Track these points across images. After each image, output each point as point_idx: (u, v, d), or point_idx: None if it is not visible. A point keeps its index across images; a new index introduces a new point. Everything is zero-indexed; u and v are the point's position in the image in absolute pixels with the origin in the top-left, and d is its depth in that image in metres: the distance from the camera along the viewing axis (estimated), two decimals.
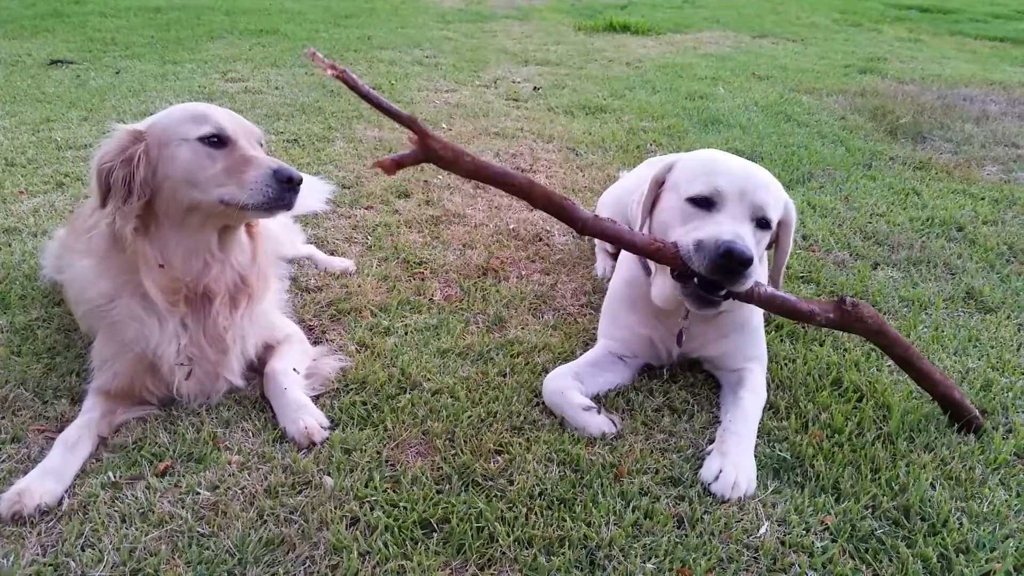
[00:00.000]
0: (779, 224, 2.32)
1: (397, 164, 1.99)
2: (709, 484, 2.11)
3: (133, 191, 2.15)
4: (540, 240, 3.74)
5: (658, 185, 2.40)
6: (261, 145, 2.32)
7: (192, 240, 2.25)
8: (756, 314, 2.57)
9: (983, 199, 4.39)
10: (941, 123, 6.00)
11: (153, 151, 2.17)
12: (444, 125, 5.61)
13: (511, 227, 3.84)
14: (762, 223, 2.22)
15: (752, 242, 2.15)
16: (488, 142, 5.24)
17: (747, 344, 2.53)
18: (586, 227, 2.15)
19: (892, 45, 10.19)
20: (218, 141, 2.18)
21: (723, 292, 2.16)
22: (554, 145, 5.25)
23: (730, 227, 2.14)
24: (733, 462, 2.13)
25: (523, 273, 3.39)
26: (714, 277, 2.11)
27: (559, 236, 3.78)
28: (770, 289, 2.24)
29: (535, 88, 6.93)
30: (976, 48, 10.33)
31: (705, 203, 2.21)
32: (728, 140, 5.35)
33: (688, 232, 2.20)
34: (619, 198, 3.33)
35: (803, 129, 5.76)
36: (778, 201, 2.27)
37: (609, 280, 2.89)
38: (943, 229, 3.95)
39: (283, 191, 2.17)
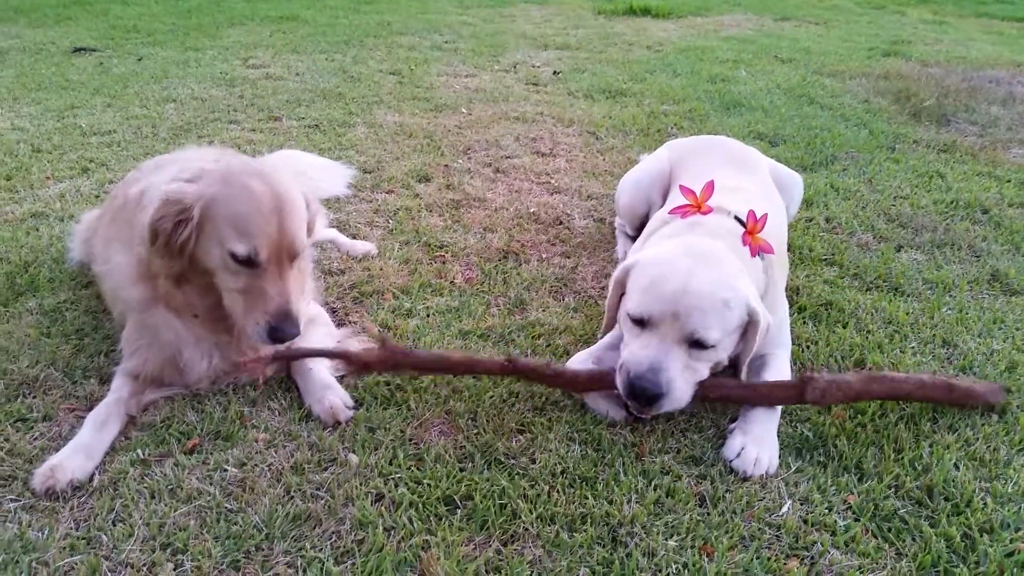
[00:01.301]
0: (748, 325, 2.25)
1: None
2: (731, 461, 2.13)
3: (174, 254, 2.18)
4: (560, 223, 3.74)
5: (621, 286, 2.40)
6: (294, 260, 2.26)
7: (213, 302, 2.31)
8: (781, 306, 2.58)
9: (1009, 181, 4.34)
10: (966, 105, 5.92)
11: (195, 230, 2.15)
12: (464, 110, 5.61)
13: (531, 210, 3.85)
14: (696, 344, 2.18)
15: (678, 365, 2.16)
16: (508, 126, 5.23)
17: (771, 334, 2.51)
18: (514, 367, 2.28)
19: (916, 27, 10.05)
20: (248, 261, 2.16)
21: (647, 413, 2.22)
22: (574, 129, 5.24)
23: (650, 353, 2.16)
24: (755, 439, 2.15)
25: (544, 256, 3.40)
26: (630, 401, 2.19)
27: (579, 220, 3.79)
28: (720, 380, 2.32)
29: (555, 72, 6.91)
30: (1003, 29, 10.17)
31: (640, 323, 2.23)
32: (750, 123, 5.31)
33: (625, 345, 2.29)
34: (638, 181, 3.33)
35: (826, 112, 5.71)
36: (723, 317, 2.17)
37: None
38: (968, 211, 3.91)
39: (269, 343, 2.22)
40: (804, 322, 2.87)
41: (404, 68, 6.83)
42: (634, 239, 3.42)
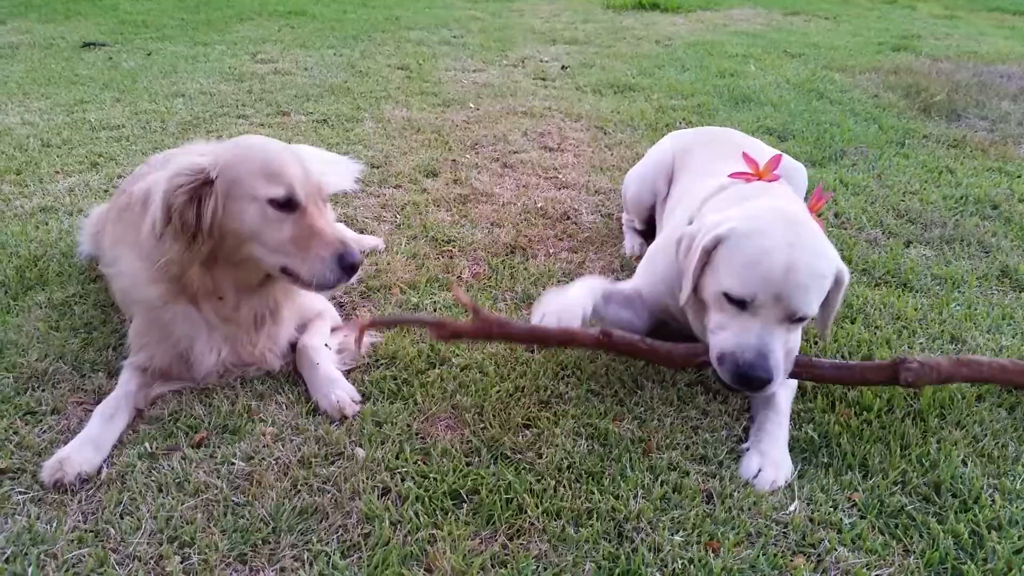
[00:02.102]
0: (833, 285, 2.20)
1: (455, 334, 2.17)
2: (749, 479, 2.09)
3: (199, 235, 2.13)
4: (568, 218, 3.74)
5: (706, 254, 2.26)
6: (325, 203, 2.27)
7: (243, 280, 2.31)
8: None
9: (1019, 177, 4.32)
10: (976, 101, 5.88)
11: (220, 198, 2.10)
12: (472, 105, 5.61)
13: (539, 206, 3.84)
14: (798, 320, 2.15)
15: (780, 345, 2.13)
16: (516, 121, 5.23)
17: None
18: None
19: (927, 22, 9.99)
20: (288, 204, 2.13)
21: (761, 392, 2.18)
22: (582, 124, 5.23)
23: (755, 338, 2.11)
24: (772, 461, 2.11)
25: (551, 251, 3.39)
26: (736, 388, 2.16)
27: (587, 214, 3.78)
28: (812, 360, 2.29)
29: (563, 67, 6.90)
30: (1015, 24, 10.11)
31: (740, 303, 2.15)
32: (759, 118, 5.29)
33: (719, 327, 2.20)
34: (643, 174, 3.33)
35: (835, 107, 5.68)
36: (822, 288, 2.15)
37: (639, 257, 2.89)
38: (977, 207, 3.89)
39: (343, 276, 2.16)
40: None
41: (412, 63, 6.83)
42: (642, 234, 3.42)
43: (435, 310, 2.88)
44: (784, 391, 2.33)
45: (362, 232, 3.49)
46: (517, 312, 2.87)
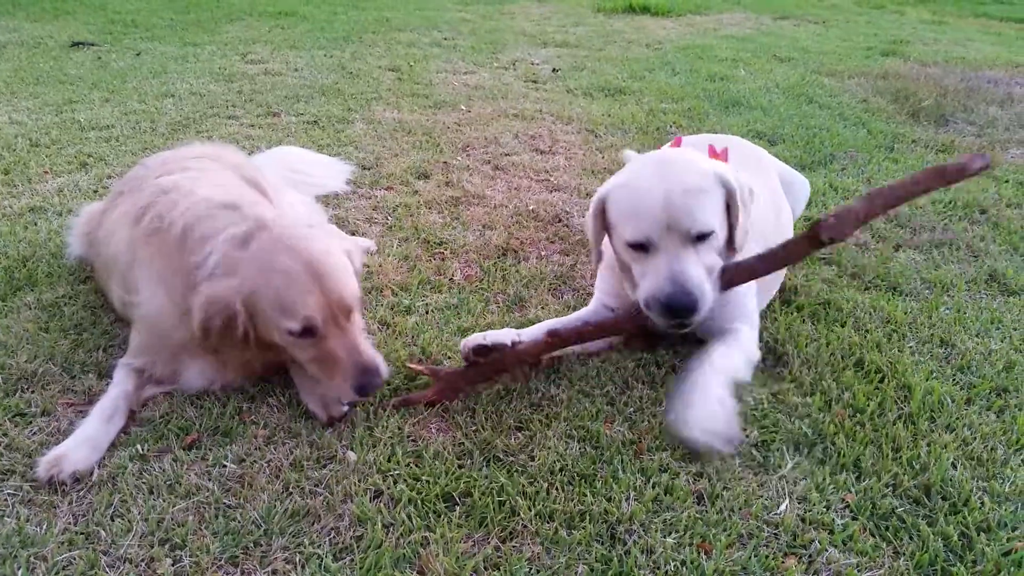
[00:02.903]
0: (728, 196, 2.32)
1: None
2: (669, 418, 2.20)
3: (237, 343, 2.18)
4: (559, 221, 3.74)
5: (601, 216, 2.42)
6: (351, 316, 2.23)
7: (278, 356, 2.33)
8: (734, 291, 2.54)
9: (1007, 182, 4.35)
10: (964, 106, 5.93)
11: (249, 321, 2.14)
12: (463, 107, 5.61)
13: (531, 208, 3.85)
14: (702, 237, 2.23)
15: (696, 267, 2.21)
16: (507, 124, 5.23)
17: (729, 306, 2.48)
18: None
19: (915, 27, 10.06)
20: (308, 331, 2.14)
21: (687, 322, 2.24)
22: (573, 127, 5.24)
23: (666, 271, 2.20)
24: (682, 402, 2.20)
25: (543, 254, 3.40)
26: (674, 323, 2.23)
27: (578, 217, 3.79)
28: (738, 262, 2.36)
29: (554, 70, 6.91)
30: (1001, 30, 10.19)
31: (642, 247, 2.26)
32: (749, 122, 5.32)
33: (640, 276, 2.31)
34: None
35: (825, 111, 5.71)
36: (707, 202, 2.25)
37: None
38: (966, 211, 3.92)
39: (359, 397, 2.20)
40: (803, 321, 2.87)
41: (403, 65, 6.82)
42: None
43: (426, 312, 2.88)
44: (726, 349, 2.38)
45: (353, 234, 3.48)
46: (509, 315, 2.87)
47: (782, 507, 1.99)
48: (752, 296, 2.61)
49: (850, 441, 2.22)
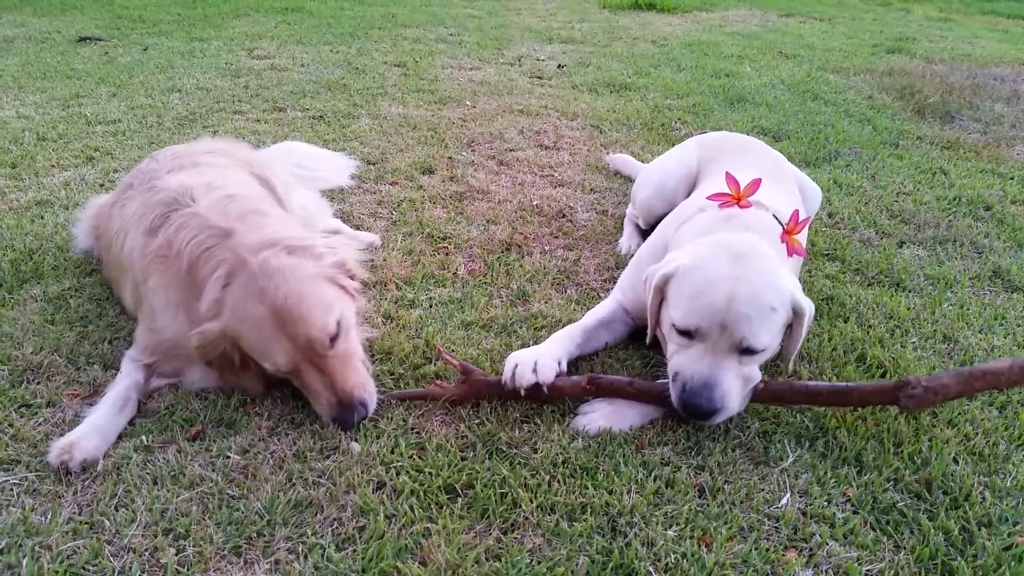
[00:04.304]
0: (794, 317, 2.23)
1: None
2: (576, 412, 2.27)
3: (239, 369, 2.26)
4: (563, 216, 3.74)
5: (660, 292, 2.35)
6: (326, 351, 2.21)
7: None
8: None
9: (1012, 179, 4.34)
10: (970, 103, 5.91)
11: (241, 352, 2.21)
12: (468, 102, 5.61)
13: (535, 203, 3.85)
14: (747, 351, 2.16)
15: (731, 376, 2.15)
16: (512, 119, 5.23)
17: None
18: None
19: (922, 24, 10.03)
20: (282, 374, 2.21)
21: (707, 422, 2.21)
22: (578, 123, 5.24)
23: (706, 368, 2.15)
24: (607, 412, 2.27)
25: (546, 248, 3.40)
26: (686, 416, 2.19)
27: (582, 212, 3.79)
28: (789, 383, 2.30)
29: (559, 66, 6.91)
30: (1008, 27, 10.16)
31: (687, 334, 2.21)
32: (754, 118, 5.31)
33: (673, 355, 2.27)
34: (660, 182, 3.29)
35: (830, 108, 5.70)
36: (770, 319, 2.16)
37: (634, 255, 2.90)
38: (970, 208, 3.91)
39: (345, 422, 2.21)
40: None
41: (409, 60, 6.83)
42: (644, 233, 3.37)
43: (430, 306, 2.89)
44: None
45: (358, 228, 3.50)
46: (512, 309, 2.88)
47: (783, 500, 1.99)
48: None
49: (852, 435, 2.22)
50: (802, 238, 2.66)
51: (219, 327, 2.17)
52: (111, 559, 1.79)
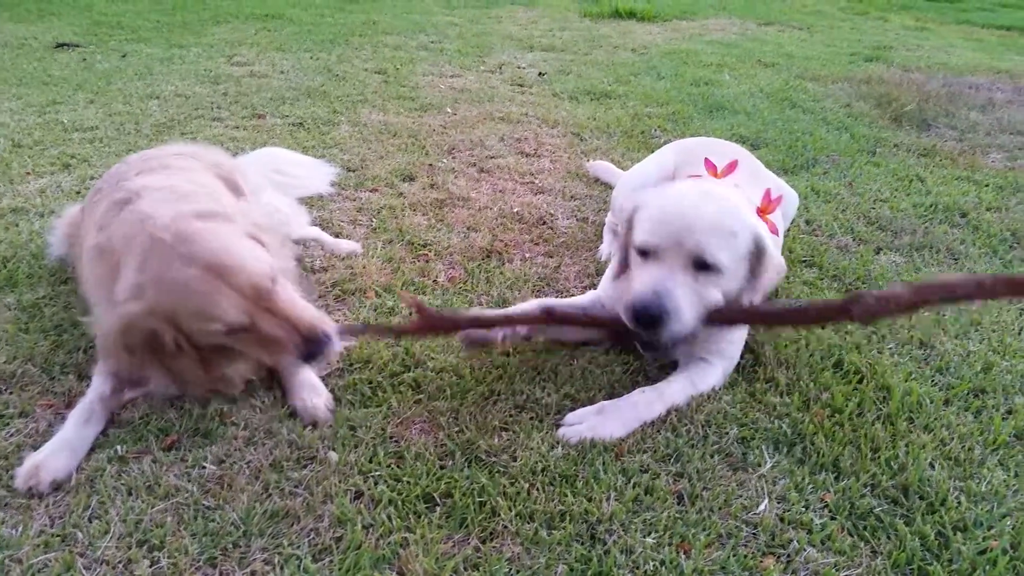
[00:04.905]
0: (756, 256, 2.26)
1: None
2: (562, 423, 2.26)
3: (172, 359, 2.14)
4: (544, 223, 3.75)
5: (630, 224, 2.40)
6: (274, 292, 2.15)
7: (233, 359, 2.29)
8: None
9: (987, 186, 4.39)
10: (946, 111, 5.98)
11: (180, 337, 2.10)
12: (449, 109, 5.61)
13: (515, 210, 3.85)
14: (702, 265, 2.19)
15: (683, 288, 2.17)
16: (493, 127, 5.24)
17: (710, 339, 2.47)
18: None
19: (899, 33, 10.14)
20: (238, 328, 2.10)
21: (661, 343, 2.24)
22: (559, 130, 5.25)
23: (651, 280, 2.18)
24: (593, 424, 2.25)
25: (527, 256, 3.40)
26: (638, 331, 2.21)
27: (563, 219, 3.80)
28: (746, 307, 2.31)
29: (540, 74, 6.92)
30: (983, 37, 10.29)
31: (646, 253, 2.25)
32: (733, 126, 5.34)
33: (633, 285, 2.29)
34: (641, 187, 3.25)
35: (808, 116, 5.75)
36: (730, 241, 2.19)
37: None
38: (946, 215, 3.95)
39: (311, 363, 2.19)
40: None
41: (389, 67, 6.82)
42: None
43: (409, 314, 2.87)
44: (681, 383, 2.40)
45: (338, 236, 3.48)
46: None
47: (761, 507, 2.00)
48: (736, 334, 2.57)
49: (829, 441, 2.23)
50: (779, 241, 2.71)
51: (143, 306, 2.06)
52: (84, 572, 1.76)
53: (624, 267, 2.49)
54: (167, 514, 1.92)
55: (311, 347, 2.12)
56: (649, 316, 2.14)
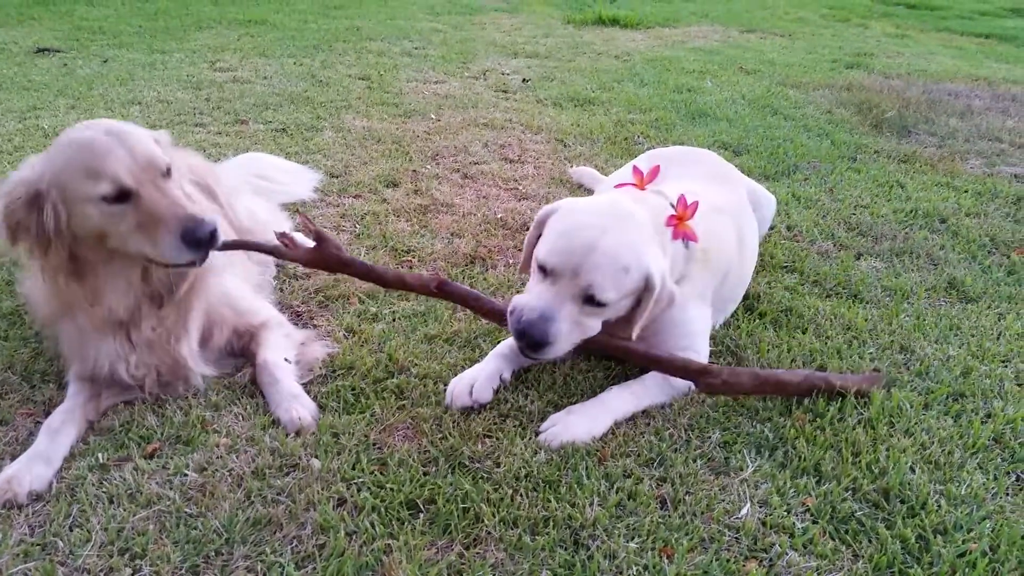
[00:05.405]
0: (644, 289, 2.31)
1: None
2: (541, 430, 2.29)
3: (51, 242, 2.11)
4: (527, 229, 3.74)
5: (540, 227, 2.45)
6: (165, 176, 2.18)
7: (123, 275, 2.25)
8: (694, 309, 2.58)
9: (966, 192, 4.44)
10: (926, 117, 6.04)
11: (59, 206, 2.08)
12: (433, 116, 5.61)
13: (499, 216, 3.86)
14: (590, 300, 2.24)
15: (569, 318, 2.23)
16: (477, 133, 5.25)
17: (672, 336, 2.52)
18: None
19: (879, 41, 10.24)
20: (121, 195, 2.08)
21: (535, 357, 2.33)
22: (542, 136, 5.27)
23: (542, 303, 2.23)
24: (568, 423, 2.29)
25: (510, 262, 3.41)
26: (520, 344, 2.27)
27: None
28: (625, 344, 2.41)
29: (524, 80, 6.94)
30: (962, 44, 10.40)
31: (544, 270, 2.29)
32: (715, 133, 5.38)
33: (528, 289, 2.37)
34: None
35: (789, 122, 5.79)
36: (619, 279, 2.24)
37: None
38: (926, 221, 3.99)
39: (196, 252, 2.12)
40: (764, 328, 2.91)
41: (373, 73, 6.82)
42: None
43: (393, 320, 2.88)
44: (655, 380, 2.47)
45: None
46: (476, 323, 2.87)
47: (743, 511, 2.01)
48: (702, 323, 2.63)
49: (810, 445, 2.25)
50: (751, 248, 2.88)
51: (36, 171, 2.09)
52: None
53: (527, 265, 2.54)
54: (149, 522, 1.91)
55: (194, 225, 2.08)
56: (532, 340, 2.21)
